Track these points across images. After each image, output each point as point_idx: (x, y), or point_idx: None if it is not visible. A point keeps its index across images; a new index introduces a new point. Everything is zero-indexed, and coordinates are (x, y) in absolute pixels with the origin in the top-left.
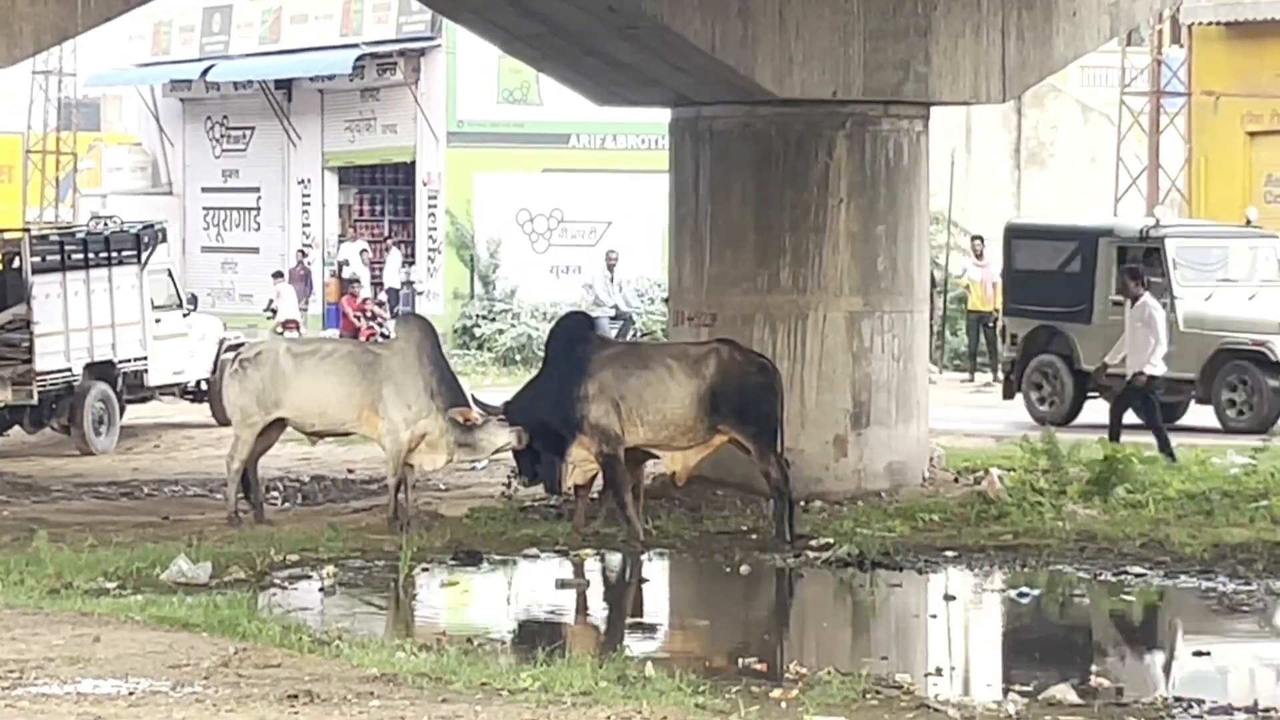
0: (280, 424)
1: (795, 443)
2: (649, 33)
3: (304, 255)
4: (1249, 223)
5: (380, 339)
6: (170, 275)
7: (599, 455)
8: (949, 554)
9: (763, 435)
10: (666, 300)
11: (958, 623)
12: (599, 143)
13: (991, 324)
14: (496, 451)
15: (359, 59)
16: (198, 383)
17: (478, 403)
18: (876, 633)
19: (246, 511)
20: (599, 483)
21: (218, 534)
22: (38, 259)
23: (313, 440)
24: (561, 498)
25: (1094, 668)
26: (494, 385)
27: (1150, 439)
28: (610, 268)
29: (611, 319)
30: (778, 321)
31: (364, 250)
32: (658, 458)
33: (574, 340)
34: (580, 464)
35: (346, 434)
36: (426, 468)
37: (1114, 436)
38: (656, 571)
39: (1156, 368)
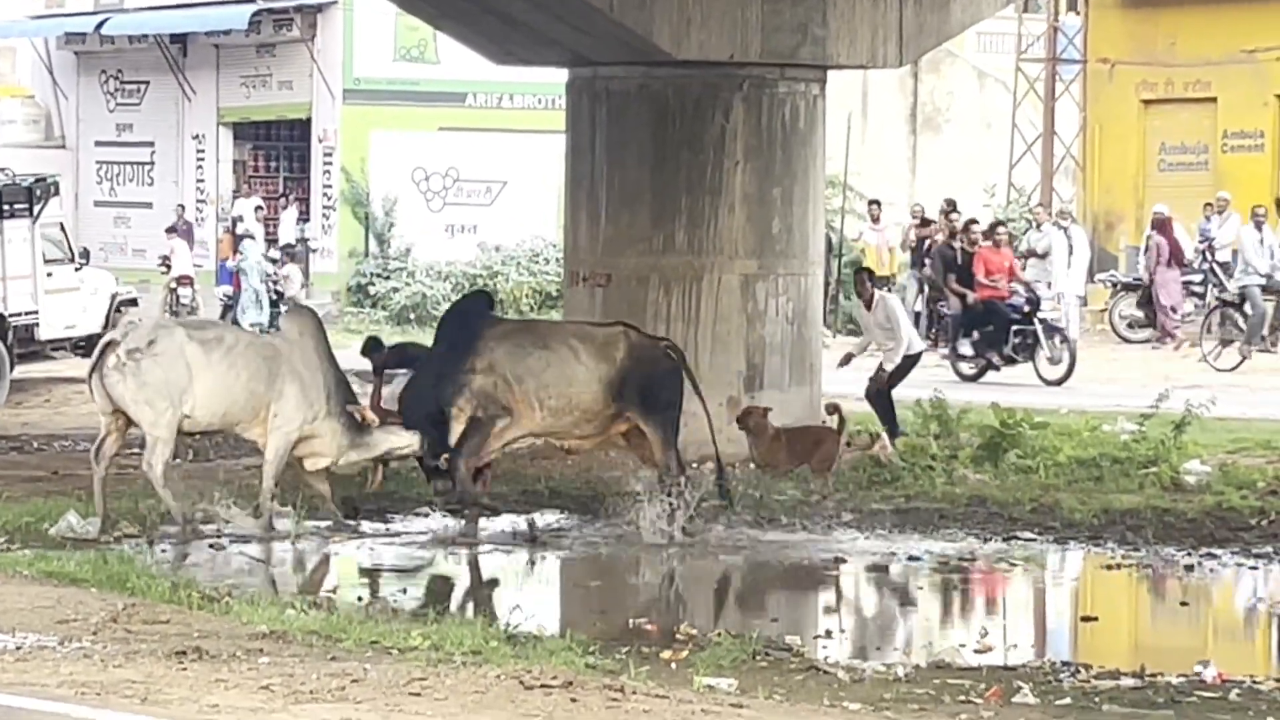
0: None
1: (689, 404)
2: None
3: (183, 209)
4: None
5: (275, 295)
6: (62, 229)
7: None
8: (842, 517)
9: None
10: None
11: (848, 586)
12: (495, 102)
13: (887, 288)
14: (389, 455)
15: (255, 14)
16: (89, 337)
17: (375, 407)
18: (767, 595)
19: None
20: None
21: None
22: None
23: (194, 438)
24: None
25: (982, 631)
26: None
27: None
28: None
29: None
30: (672, 283)
31: (259, 207)
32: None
33: (465, 319)
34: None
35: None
36: (307, 468)
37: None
38: (548, 533)
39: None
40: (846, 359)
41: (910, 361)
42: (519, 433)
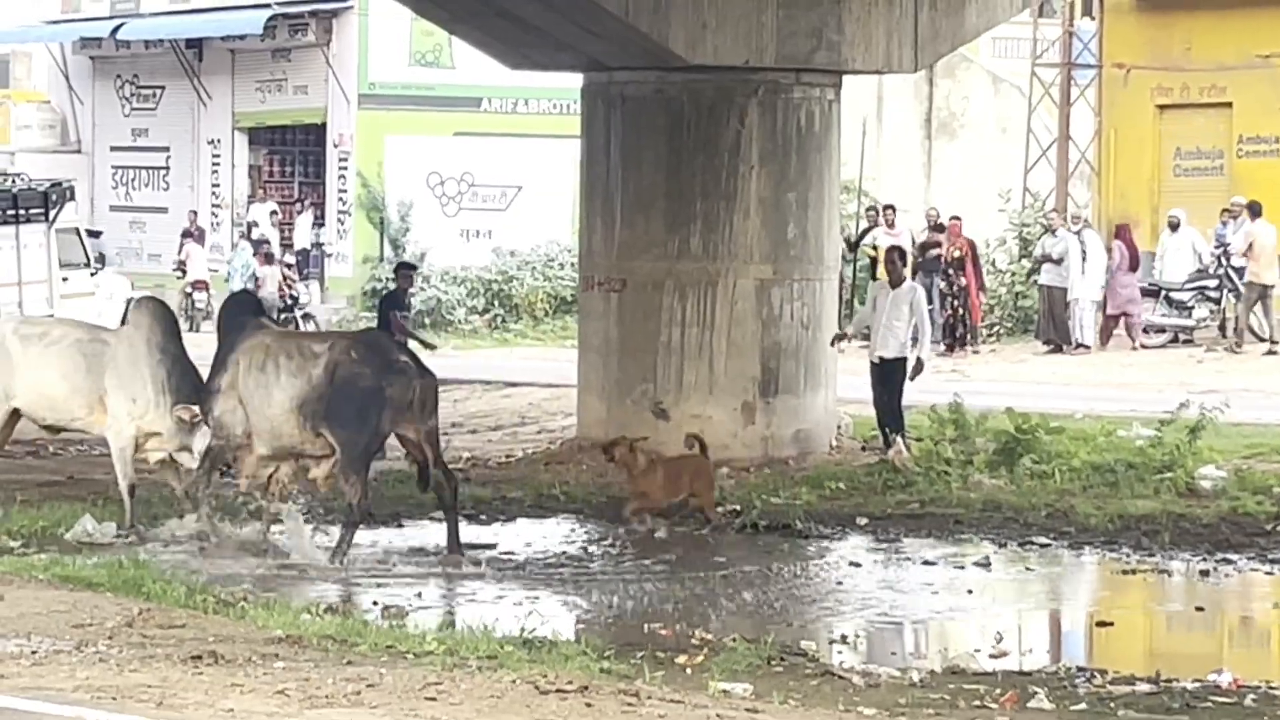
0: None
1: (704, 409)
2: None
3: (195, 215)
4: None
5: (289, 300)
6: (78, 233)
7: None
8: (858, 521)
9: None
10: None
11: (863, 590)
12: (511, 107)
13: None
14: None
15: (271, 19)
16: None
17: None
18: (782, 599)
19: None
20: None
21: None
22: None
23: (53, 433)
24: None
25: (999, 636)
26: None
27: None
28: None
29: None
30: (688, 288)
31: (274, 211)
32: None
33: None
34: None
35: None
36: (187, 465)
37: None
38: (568, 535)
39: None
40: (838, 338)
41: (903, 368)
42: (259, 453)
